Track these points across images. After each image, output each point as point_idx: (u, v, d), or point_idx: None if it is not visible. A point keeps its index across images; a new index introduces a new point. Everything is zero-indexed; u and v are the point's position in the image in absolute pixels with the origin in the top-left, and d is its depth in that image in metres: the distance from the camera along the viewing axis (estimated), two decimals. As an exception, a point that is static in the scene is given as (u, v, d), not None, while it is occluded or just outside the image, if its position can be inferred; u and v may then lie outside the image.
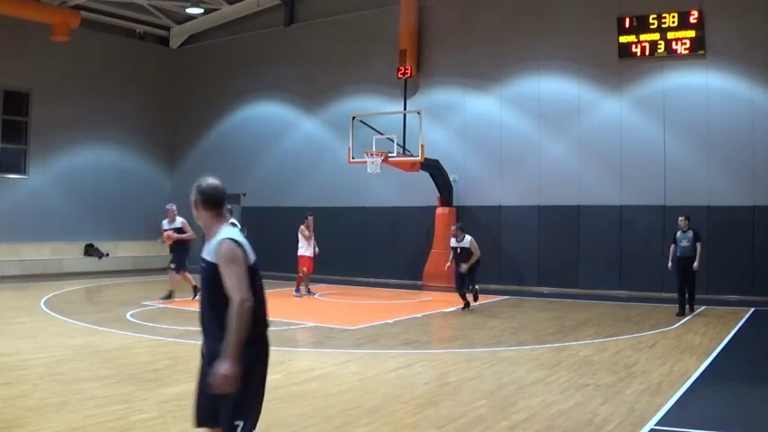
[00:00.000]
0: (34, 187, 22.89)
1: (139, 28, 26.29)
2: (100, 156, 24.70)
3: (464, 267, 14.15)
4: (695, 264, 13.63)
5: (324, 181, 23.03)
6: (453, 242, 14.51)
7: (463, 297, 14.51)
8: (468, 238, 14.31)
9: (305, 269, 17.24)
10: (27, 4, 21.39)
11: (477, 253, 14.31)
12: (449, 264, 14.87)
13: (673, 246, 14.03)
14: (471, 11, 20.82)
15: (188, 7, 24.10)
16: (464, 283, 14.43)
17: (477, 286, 14.74)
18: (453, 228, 14.68)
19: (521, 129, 19.82)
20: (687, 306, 13.96)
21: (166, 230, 15.38)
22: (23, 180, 22.93)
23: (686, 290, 13.95)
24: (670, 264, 14.03)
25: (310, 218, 17.33)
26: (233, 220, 4.32)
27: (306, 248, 17.21)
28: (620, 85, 18.47)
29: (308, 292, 17.47)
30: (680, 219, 14.07)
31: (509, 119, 20.00)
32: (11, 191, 22.35)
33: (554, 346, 10.55)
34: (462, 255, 14.31)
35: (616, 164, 18.41)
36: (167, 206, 15.63)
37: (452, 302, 16.15)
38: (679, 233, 13.96)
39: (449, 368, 9.06)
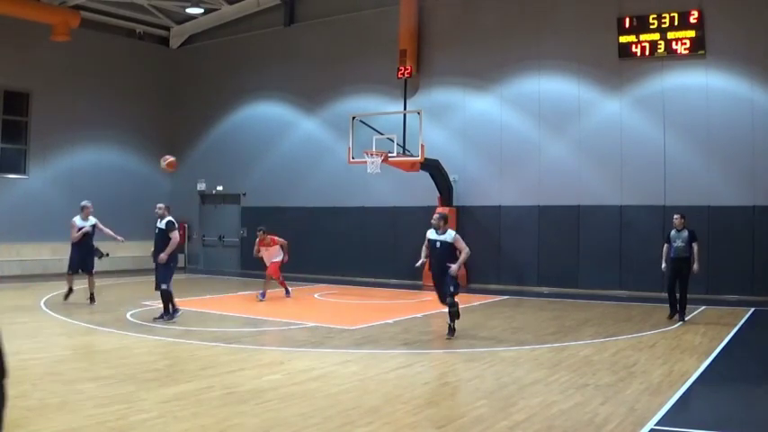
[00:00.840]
0: (34, 187, 22.88)
1: (139, 28, 26.28)
2: (100, 156, 24.70)
3: (454, 269, 11.03)
4: (695, 266, 12.95)
5: (324, 181, 23.03)
6: (432, 234, 11.40)
7: (453, 316, 11.25)
8: (451, 232, 11.38)
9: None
10: (27, 4, 21.39)
11: (466, 249, 11.26)
12: (422, 261, 11.87)
13: (666, 246, 13.32)
14: (471, 11, 20.81)
15: (188, 7, 24.09)
16: (447, 289, 11.21)
17: (456, 296, 11.32)
18: (436, 217, 11.51)
19: (521, 129, 19.82)
20: (678, 312, 13.08)
21: (82, 228, 14.75)
22: (23, 180, 22.93)
23: (678, 293, 13.16)
24: (664, 264, 13.40)
25: (259, 232, 16.44)
26: None
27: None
28: (620, 85, 18.46)
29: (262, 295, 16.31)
30: (675, 217, 13.41)
31: (509, 119, 20.00)
32: (11, 191, 22.35)
33: (554, 346, 10.55)
34: (442, 251, 11.28)
35: (616, 164, 18.41)
36: (84, 203, 14.96)
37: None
38: (673, 232, 13.27)
39: (449, 368, 9.06)
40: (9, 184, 22.48)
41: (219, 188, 25.70)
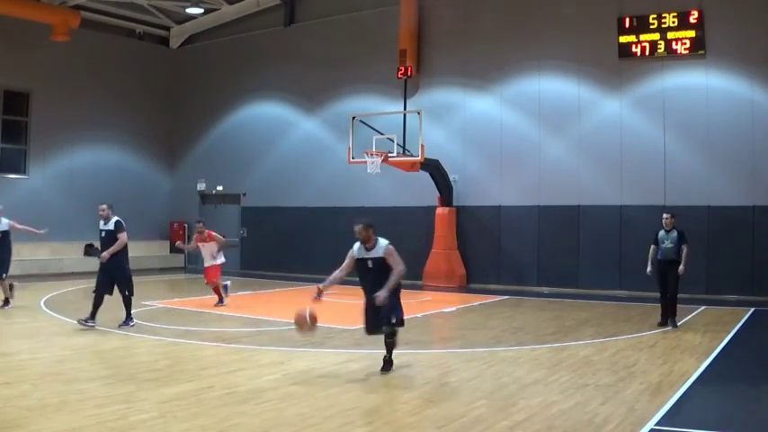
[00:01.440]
0: (34, 187, 22.89)
1: (139, 28, 26.28)
2: (100, 156, 24.71)
3: (381, 296, 8.36)
4: (681, 267, 12.03)
5: (324, 181, 23.02)
6: (360, 252, 8.92)
7: (389, 349, 8.69)
8: (382, 243, 8.78)
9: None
10: (27, 4, 21.40)
11: (399, 267, 8.66)
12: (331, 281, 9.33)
13: (653, 247, 12.46)
14: (471, 11, 20.80)
15: (188, 7, 24.09)
16: (380, 321, 8.62)
17: (401, 317, 8.75)
18: (358, 228, 8.86)
19: (521, 129, 19.81)
20: (669, 318, 12.24)
21: None
22: (23, 180, 22.93)
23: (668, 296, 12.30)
24: (650, 268, 12.49)
25: (198, 224, 15.58)
26: None
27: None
28: (620, 85, 18.46)
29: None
30: (665, 216, 12.44)
31: (509, 119, 19.99)
32: (11, 191, 22.33)
33: (554, 346, 10.54)
34: (377, 272, 8.67)
35: (616, 164, 18.41)
36: None
37: (452, 303, 16.16)
38: (662, 233, 12.34)
39: (449, 368, 9.06)
40: (9, 184, 22.47)
41: (219, 188, 25.70)
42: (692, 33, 17.43)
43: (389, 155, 18.64)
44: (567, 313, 14.40)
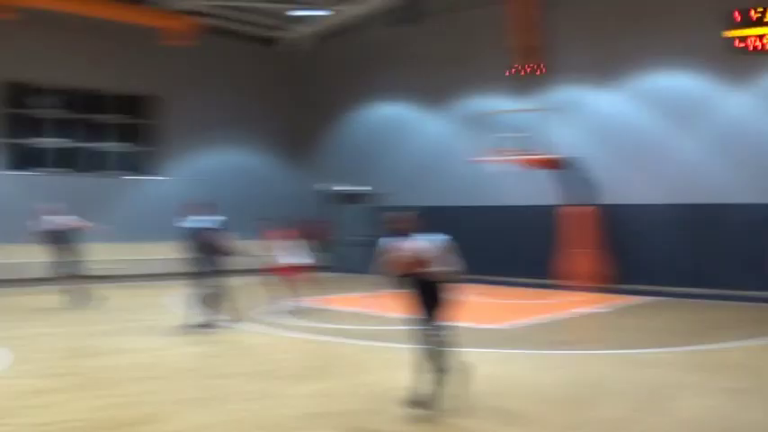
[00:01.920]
0: (167, 187, 23.85)
1: (262, 32, 26.80)
2: (227, 158, 25.65)
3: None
4: None
5: (453, 179, 22.74)
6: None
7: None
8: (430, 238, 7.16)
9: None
10: (155, 13, 22.66)
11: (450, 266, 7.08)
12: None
13: None
14: (596, 5, 20.11)
15: (310, 10, 24.44)
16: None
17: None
18: (399, 217, 7.33)
19: (652, 126, 18.98)
20: None
21: None
22: (157, 181, 24.12)
23: None
24: None
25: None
26: None
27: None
28: (754, 80, 17.33)
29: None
30: None
31: (641, 116, 19.22)
32: (147, 191, 23.63)
33: (698, 348, 10.08)
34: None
35: (755, 161, 17.34)
36: None
37: (588, 304, 15.68)
38: None
39: (598, 369, 8.76)
40: (145, 184, 23.86)
41: (347, 187, 25.53)
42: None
43: (519, 153, 18.30)
44: (707, 315, 13.88)
